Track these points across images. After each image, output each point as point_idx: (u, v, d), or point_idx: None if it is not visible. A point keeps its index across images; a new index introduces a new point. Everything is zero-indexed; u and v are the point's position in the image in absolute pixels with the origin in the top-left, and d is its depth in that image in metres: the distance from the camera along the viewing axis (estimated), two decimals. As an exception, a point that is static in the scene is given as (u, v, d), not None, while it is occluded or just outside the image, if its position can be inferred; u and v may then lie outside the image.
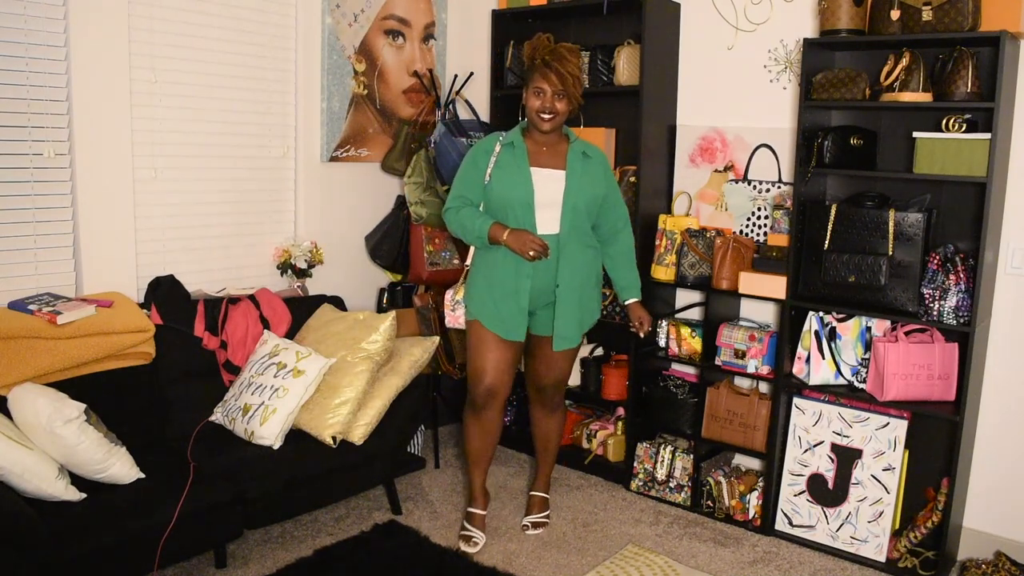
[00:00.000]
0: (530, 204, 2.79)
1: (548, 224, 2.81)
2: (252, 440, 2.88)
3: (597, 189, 2.87)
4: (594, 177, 2.87)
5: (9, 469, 2.30)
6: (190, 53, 3.27)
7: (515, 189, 2.80)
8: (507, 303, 2.86)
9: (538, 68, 2.76)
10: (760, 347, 3.20)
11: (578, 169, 2.84)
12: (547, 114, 2.77)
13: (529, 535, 3.15)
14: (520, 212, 2.80)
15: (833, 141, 2.93)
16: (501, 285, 2.85)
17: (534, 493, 3.29)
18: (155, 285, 3.15)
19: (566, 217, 2.81)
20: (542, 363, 3.03)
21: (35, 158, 2.88)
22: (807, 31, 3.23)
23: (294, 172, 3.72)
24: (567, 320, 2.89)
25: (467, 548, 3.01)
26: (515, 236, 2.74)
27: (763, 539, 3.20)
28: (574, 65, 2.78)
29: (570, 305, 2.88)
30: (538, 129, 2.82)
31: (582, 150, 2.88)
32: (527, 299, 2.84)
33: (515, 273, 2.83)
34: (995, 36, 2.59)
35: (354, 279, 3.96)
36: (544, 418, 3.19)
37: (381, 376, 3.15)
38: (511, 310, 2.86)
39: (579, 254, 2.87)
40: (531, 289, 2.83)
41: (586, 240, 2.90)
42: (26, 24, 2.80)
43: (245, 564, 2.87)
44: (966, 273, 2.76)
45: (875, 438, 3.03)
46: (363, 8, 3.82)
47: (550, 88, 2.74)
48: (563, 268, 2.84)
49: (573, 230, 2.83)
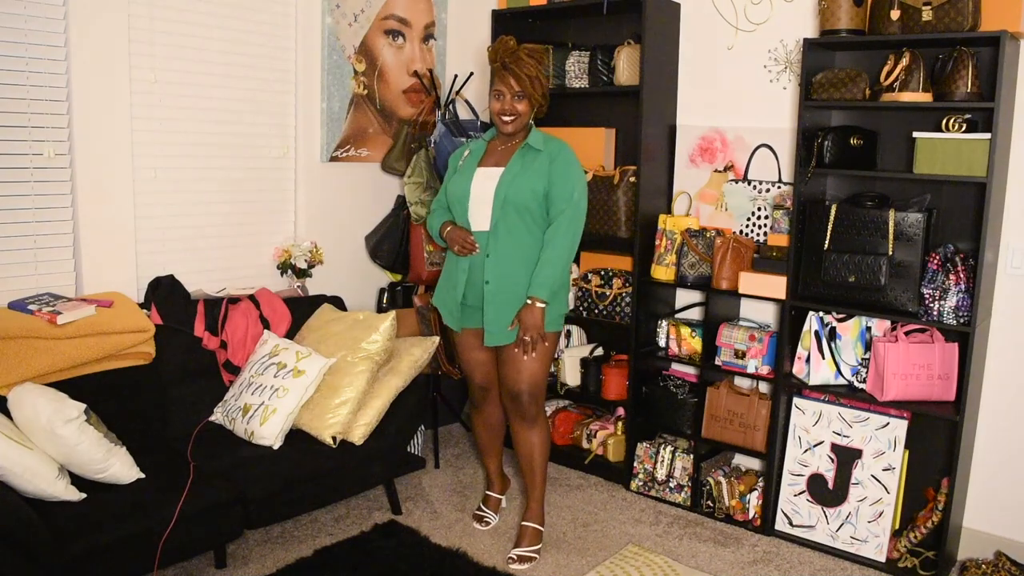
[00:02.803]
0: (464, 201, 2.87)
1: (480, 221, 2.85)
2: (252, 440, 2.88)
3: (536, 183, 2.77)
4: (536, 171, 2.79)
5: (9, 469, 2.30)
6: (190, 53, 3.27)
7: (457, 188, 2.90)
8: (449, 295, 2.98)
9: (497, 71, 2.81)
10: (760, 347, 3.20)
11: (517, 165, 2.82)
12: (507, 116, 2.80)
13: (512, 569, 2.91)
14: (458, 209, 2.90)
15: (833, 141, 2.93)
16: (448, 278, 2.99)
17: (526, 524, 3.04)
18: (155, 285, 3.15)
19: (496, 213, 2.81)
20: (510, 366, 2.91)
21: (35, 158, 2.88)
22: (807, 31, 3.23)
23: (294, 172, 3.73)
24: (494, 316, 2.84)
25: (478, 526, 3.22)
26: (450, 233, 2.89)
27: (763, 539, 3.20)
28: (531, 66, 2.78)
29: (498, 302, 2.83)
30: (501, 131, 2.87)
31: (536, 145, 2.83)
32: (462, 291, 2.91)
33: (455, 267, 2.94)
34: (995, 36, 2.59)
35: (354, 279, 3.96)
36: (523, 432, 2.99)
37: (381, 376, 3.15)
38: (451, 302, 2.97)
39: (512, 250, 2.81)
40: (466, 283, 2.90)
41: (522, 237, 2.81)
42: (26, 24, 2.80)
43: (245, 564, 2.87)
44: (966, 273, 2.76)
45: (875, 438, 3.03)
46: (363, 8, 3.82)
47: (508, 91, 2.78)
48: (491, 264, 2.82)
49: (503, 226, 2.81)
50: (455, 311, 2.98)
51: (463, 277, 2.90)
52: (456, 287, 2.93)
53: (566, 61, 3.63)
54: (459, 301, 2.94)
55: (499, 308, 2.85)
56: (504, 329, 2.86)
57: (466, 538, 3.12)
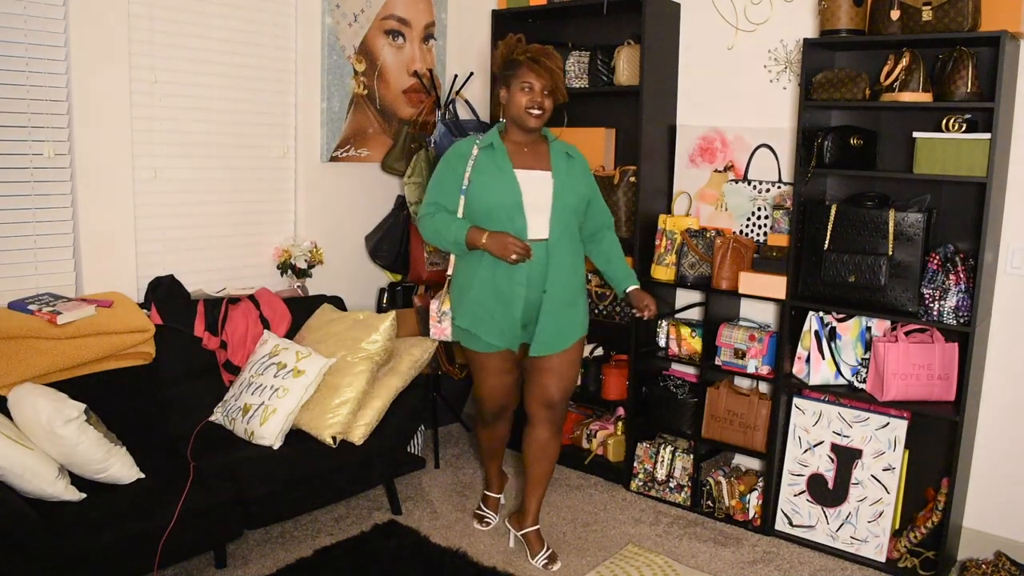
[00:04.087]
0: (519, 207, 2.68)
1: (538, 228, 2.70)
2: (252, 440, 2.88)
3: (582, 189, 2.79)
4: (578, 178, 2.79)
5: (9, 469, 2.30)
6: (190, 53, 3.27)
7: (500, 193, 2.68)
8: (502, 313, 2.74)
9: (526, 64, 2.68)
10: (760, 347, 3.20)
11: (563, 169, 2.77)
12: (536, 110, 2.68)
13: (552, 570, 2.92)
14: (507, 217, 2.68)
15: (833, 141, 2.93)
16: (495, 294, 2.73)
17: (530, 530, 2.99)
18: (155, 285, 3.16)
19: (556, 220, 2.71)
20: (551, 376, 2.83)
21: (35, 158, 2.88)
22: (807, 31, 3.23)
23: (294, 172, 3.73)
24: (551, 324, 2.76)
25: (479, 526, 3.20)
26: (495, 239, 2.63)
27: (763, 539, 3.20)
28: (560, 63, 2.76)
29: (556, 312, 2.76)
30: (525, 127, 2.72)
31: (564, 150, 2.82)
32: (521, 309, 2.73)
33: (509, 281, 2.71)
34: (995, 36, 2.59)
35: (354, 279, 3.97)
36: (551, 439, 2.92)
37: (381, 376, 3.15)
38: (507, 320, 2.75)
39: (568, 259, 2.77)
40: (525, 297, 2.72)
41: (574, 245, 2.81)
42: (26, 24, 2.80)
43: (245, 564, 2.87)
44: (966, 273, 2.76)
45: (875, 438, 3.03)
46: (363, 8, 3.82)
47: (539, 84, 2.67)
48: (552, 274, 2.73)
49: (563, 234, 2.73)
50: (510, 330, 2.76)
51: (520, 292, 2.70)
52: (512, 303, 2.72)
53: (566, 61, 3.63)
54: (519, 319, 2.74)
55: (555, 316, 2.77)
56: (558, 336, 2.79)
57: (466, 538, 3.12)
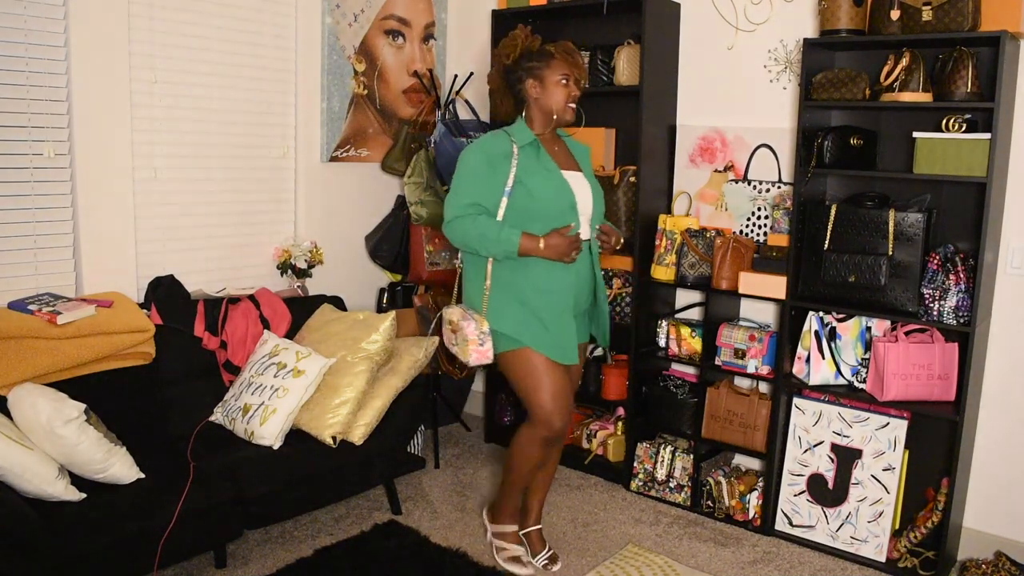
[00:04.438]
0: (573, 210, 2.62)
1: (584, 229, 2.72)
2: (252, 440, 2.88)
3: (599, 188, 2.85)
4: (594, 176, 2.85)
5: (9, 469, 2.30)
6: (190, 53, 3.27)
7: (555, 197, 2.59)
8: (561, 323, 2.64)
9: (559, 56, 2.63)
10: (760, 347, 3.20)
11: (589, 168, 2.83)
12: (574, 104, 2.67)
13: (554, 570, 2.92)
14: (561, 221, 2.60)
15: (833, 141, 2.93)
16: (552, 304, 2.62)
17: (532, 529, 2.98)
18: (155, 285, 3.15)
19: (596, 220, 2.75)
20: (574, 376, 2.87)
21: (35, 158, 2.88)
22: (807, 31, 3.23)
23: (294, 172, 3.73)
24: (603, 322, 2.87)
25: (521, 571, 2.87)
26: (551, 244, 2.56)
27: (763, 539, 3.20)
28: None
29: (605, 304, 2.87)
30: (563, 121, 2.67)
31: (580, 148, 2.86)
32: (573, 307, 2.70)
33: (564, 288, 2.63)
34: (995, 36, 2.59)
35: (354, 279, 3.96)
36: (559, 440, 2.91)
37: (381, 376, 3.15)
38: (568, 331, 2.66)
39: (597, 258, 2.83)
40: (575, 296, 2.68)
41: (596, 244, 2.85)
42: (26, 24, 2.80)
43: (245, 564, 2.87)
44: (966, 273, 2.76)
45: (875, 438, 3.03)
46: (363, 8, 3.82)
47: (575, 76, 2.65)
48: (597, 272, 2.81)
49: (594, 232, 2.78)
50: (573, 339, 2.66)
51: (571, 299, 2.68)
52: (566, 311, 2.65)
53: (566, 61, 3.64)
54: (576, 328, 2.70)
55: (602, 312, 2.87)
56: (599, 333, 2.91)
57: (466, 538, 3.12)
